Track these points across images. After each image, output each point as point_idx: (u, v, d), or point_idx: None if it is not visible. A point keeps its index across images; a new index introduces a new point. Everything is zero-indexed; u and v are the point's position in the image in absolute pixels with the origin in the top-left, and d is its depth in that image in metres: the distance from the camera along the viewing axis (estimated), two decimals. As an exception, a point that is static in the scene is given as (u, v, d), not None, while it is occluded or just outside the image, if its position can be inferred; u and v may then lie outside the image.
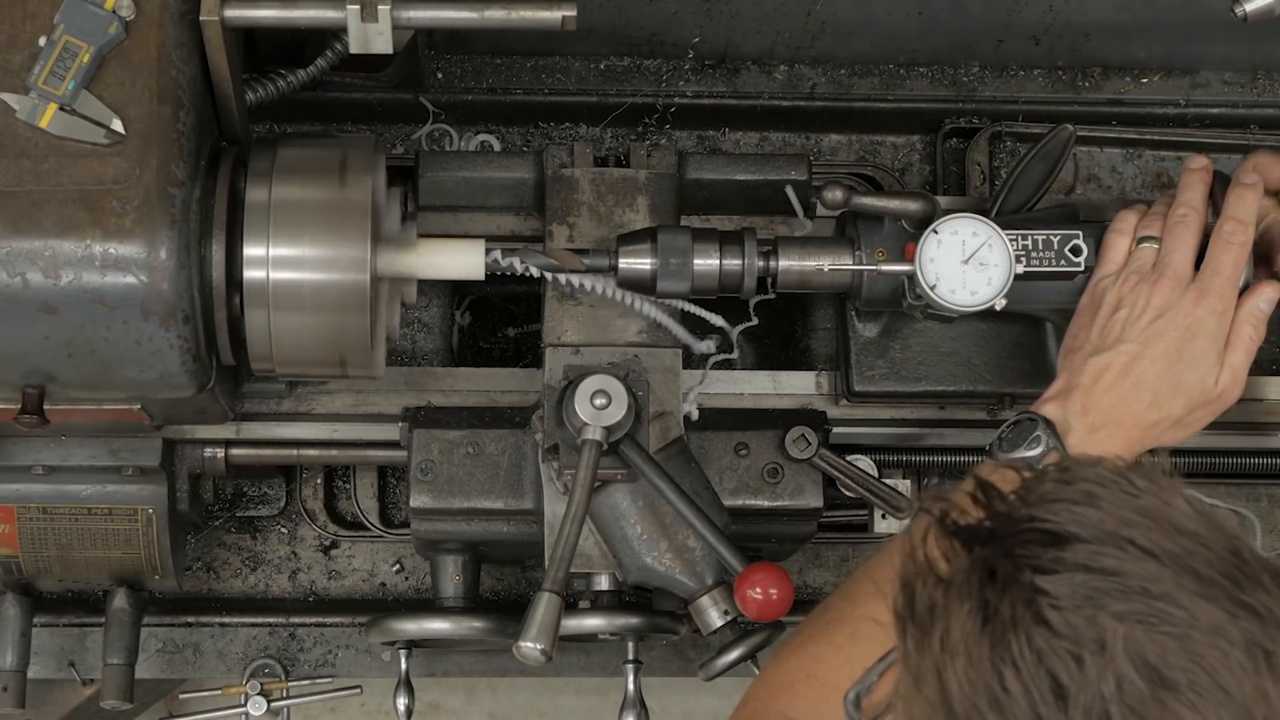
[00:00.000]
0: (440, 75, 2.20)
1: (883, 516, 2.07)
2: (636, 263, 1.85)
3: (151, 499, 1.99)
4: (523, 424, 1.96)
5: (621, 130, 2.23)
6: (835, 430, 2.02)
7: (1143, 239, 1.80)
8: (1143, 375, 1.72)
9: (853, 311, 1.98)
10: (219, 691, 2.28)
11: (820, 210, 2.02)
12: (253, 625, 2.24)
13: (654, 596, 2.01)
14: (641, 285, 1.86)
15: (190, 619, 2.23)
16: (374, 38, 1.69)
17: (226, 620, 2.24)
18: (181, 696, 2.34)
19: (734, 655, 1.87)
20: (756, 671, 1.89)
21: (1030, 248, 1.82)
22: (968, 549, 1.12)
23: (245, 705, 2.24)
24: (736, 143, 2.27)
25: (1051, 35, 2.16)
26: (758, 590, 1.81)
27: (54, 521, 1.99)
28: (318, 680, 2.26)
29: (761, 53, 2.21)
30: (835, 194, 1.81)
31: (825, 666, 1.69)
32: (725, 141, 2.26)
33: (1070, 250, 1.83)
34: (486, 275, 1.86)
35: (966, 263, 1.80)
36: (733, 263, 1.85)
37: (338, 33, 1.84)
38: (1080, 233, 1.83)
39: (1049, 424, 1.70)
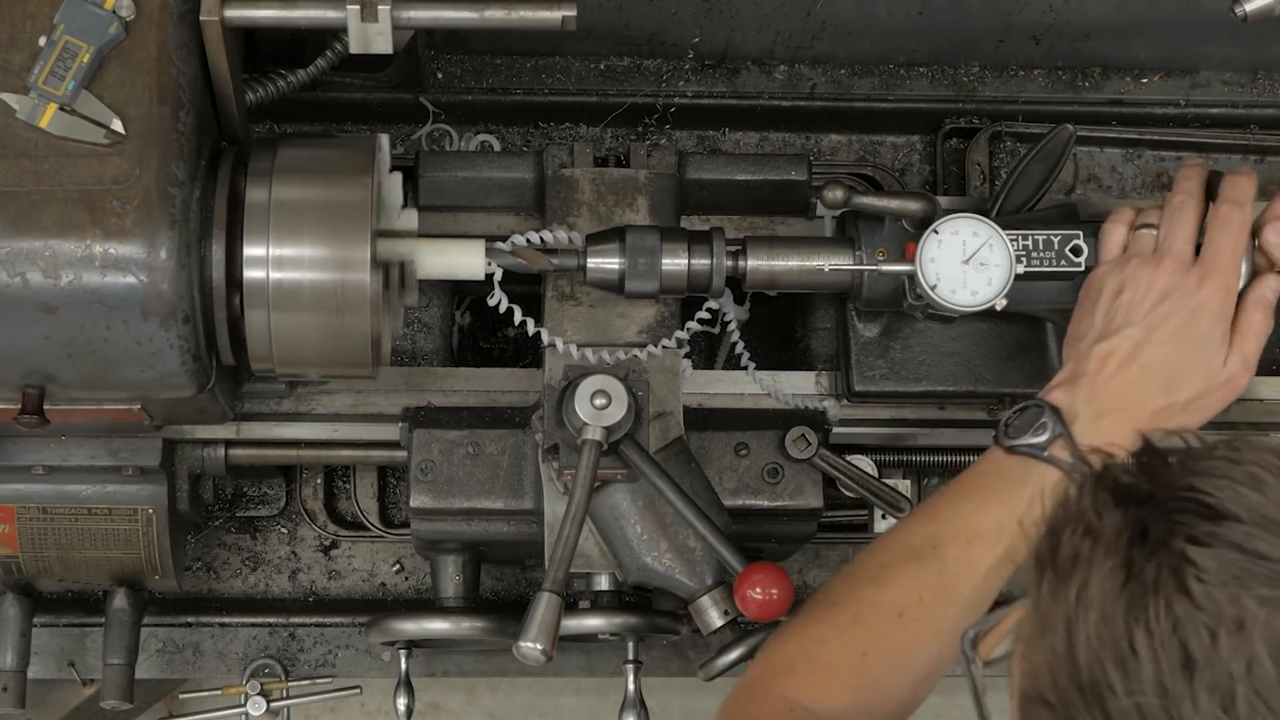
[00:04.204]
0: (440, 75, 2.20)
1: (883, 516, 2.07)
2: (605, 262, 1.85)
3: (151, 499, 1.99)
4: (523, 424, 1.96)
5: (621, 130, 2.23)
6: (835, 430, 2.02)
7: (1140, 226, 1.79)
8: (1149, 360, 1.71)
9: (853, 311, 1.98)
10: (219, 692, 2.29)
11: (820, 210, 2.02)
12: (253, 625, 2.24)
13: (654, 596, 2.01)
14: (609, 285, 1.86)
15: (190, 619, 2.23)
16: (374, 38, 1.69)
17: (226, 620, 2.24)
18: (181, 696, 2.34)
19: (734, 655, 1.87)
20: (757, 671, 1.89)
21: (1031, 248, 1.82)
22: (1123, 507, 1.11)
23: (245, 705, 2.24)
24: (736, 143, 2.27)
25: (1051, 35, 2.16)
26: (758, 590, 1.81)
27: (54, 521, 1.99)
28: (318, 680, 2.26)
29: (761, 53, 2.21)
30: (835, 194, 1.81)
31: (827, 649, 1.69)
32: (725, 141, 2.26)
33: (1071, 250, 1.83)
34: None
35: (967, 263, 1.80)
36: (701, 262, 1.85)
37: (338, 33, 1.84)
38: (1080, 233, 1.83)
39: (1055, 410, 1.70)
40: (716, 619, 1.88)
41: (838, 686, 1.68)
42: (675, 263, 1.85)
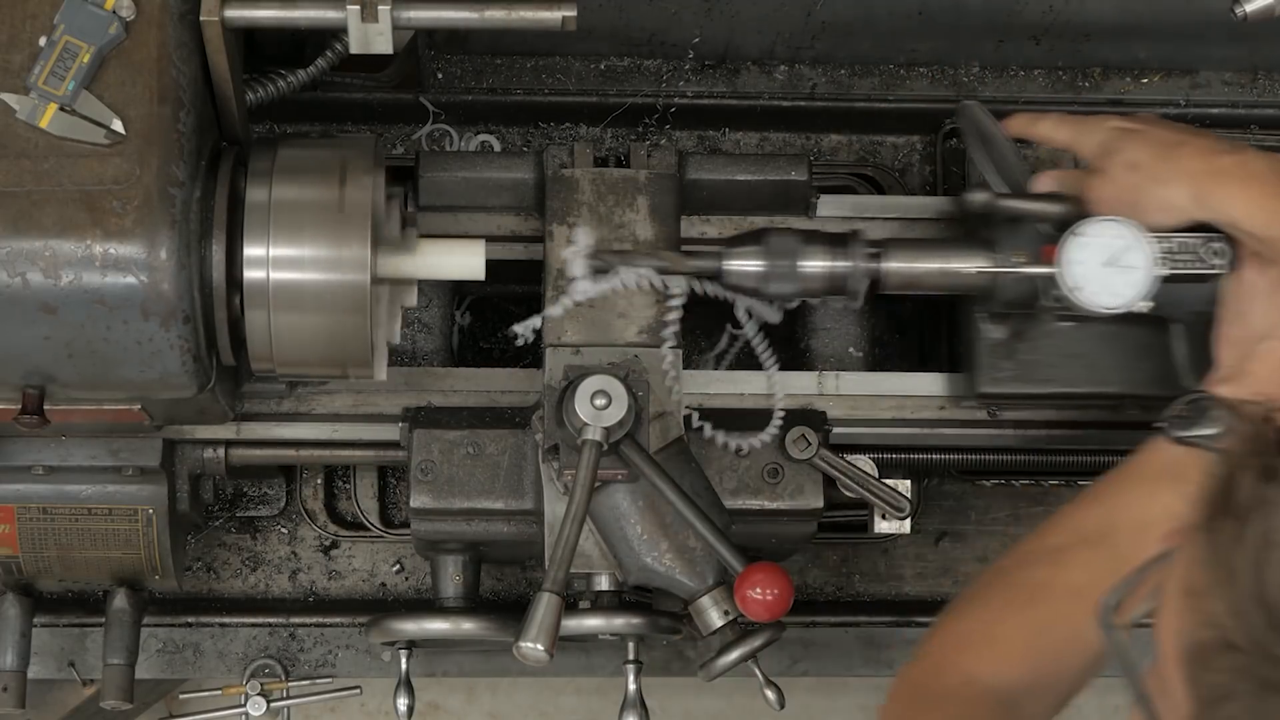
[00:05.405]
0: (440, 75, 2.20)
1: (882, 516, 2.07)
2: (745, 265, 1.85)
3: (151, 499, 1.99)
4: (523, 424, 1.96)
5: (621, 130, 2.23)
6: (835, 431, 2.02)
7: None
8: None
9: (981, 313, 1.97)
10: (219, 692, 2.29)
11: (820, 210, 2.02)
12: (253, 625, 2.24)
13: (654, 597, 2.01)
14: (745, 288, 1.86)
15: (190, 619, 2.23)
16: (374, 38, 1.69)
17: (226, 620, 2.24)
18: (181, 696, 2.34)
19: (734, 655, 1.87)
20: (757, 672, 1.89)
21: (1171, 250, 1.80)
22: None
23: (245, 705, 2.24)
24: (737, 143, 2.27)
25: (1051, 35, 2.16)
26: (758, 590, 1.81)
27: (54, 521, 1.99)
28: (318, 680, 2.26)
29: (761, 53, 2.21)
30: (978, 196, 1.81)
31: (1004, 629, 1.70)
32: (725, 141, 2.26)
33: (1211, 252, 1.81)
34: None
35: (1109, 265, 1.78)
36: (841, 264, 1.85)
37: (338, 33, 1.83)
38: (1222, 235, 1.80)
39: (1225, 404, 1.69)
40: (716, 619, 1.88)
41: (1014, 663, 1.68)
42: (815, 265, 1.85)
